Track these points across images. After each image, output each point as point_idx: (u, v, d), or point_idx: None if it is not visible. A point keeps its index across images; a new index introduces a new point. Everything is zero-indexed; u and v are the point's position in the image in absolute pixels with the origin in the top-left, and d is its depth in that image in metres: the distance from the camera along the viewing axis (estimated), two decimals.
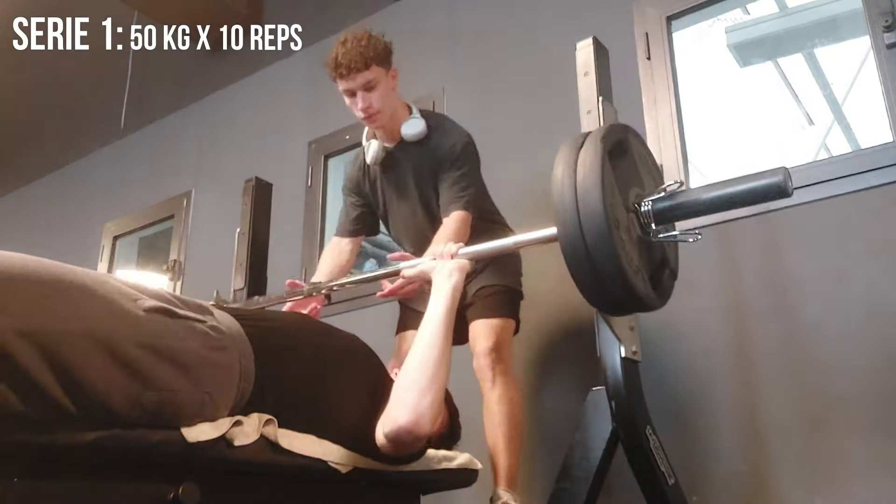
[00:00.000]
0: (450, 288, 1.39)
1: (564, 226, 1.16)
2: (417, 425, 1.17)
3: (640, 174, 1.37)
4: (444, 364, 1.27)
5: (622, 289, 1.18)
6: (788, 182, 1.17)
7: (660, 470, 1.53)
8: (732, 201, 1.25)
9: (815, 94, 4.37)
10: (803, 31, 3.73)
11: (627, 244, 1.22)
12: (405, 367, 1.26)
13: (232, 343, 1.12)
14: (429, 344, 1.28)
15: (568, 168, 1.16)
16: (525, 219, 2.54)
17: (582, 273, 1.19)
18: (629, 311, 1.36)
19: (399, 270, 1.61)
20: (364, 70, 1.90)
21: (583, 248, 1.15)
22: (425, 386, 1.21)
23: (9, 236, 5.07)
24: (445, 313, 1.33)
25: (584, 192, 1.14)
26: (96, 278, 1.00)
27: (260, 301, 2.15)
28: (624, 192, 1.26)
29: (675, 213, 1.29)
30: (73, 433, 0.91)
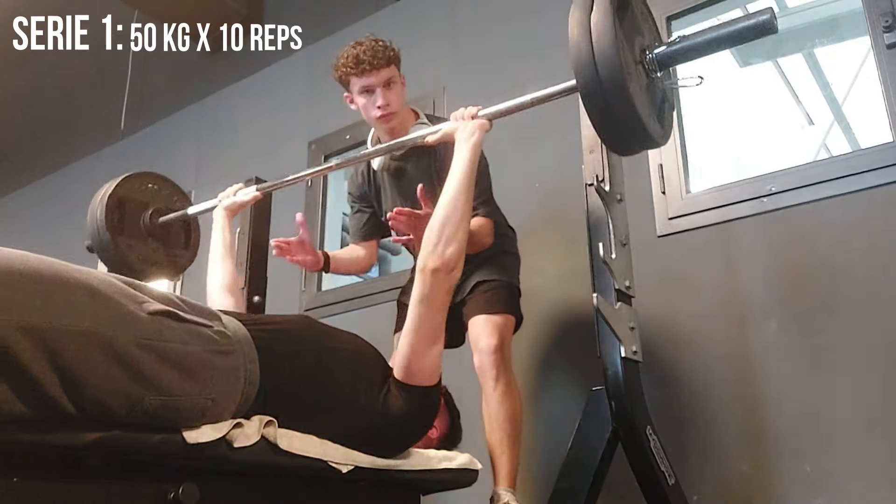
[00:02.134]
0: (471, 146, 1.52)
1: (584, 78, 1.29)
2: (446, 265, 1.34)
3: (642, 27, 1.46)
4: (466, 216, 1.42)
5: (635, 127, 1.32)
6: (775, 19, 1.29)
7: (660, 470, 1.53)
8: (724, 40, 1.36)
9: (815, 94, 4.37)
10: (803, 31, 3.73)
11: (636, 89, 1.33)
12: (433, 218, 1.40)
13: (238, 347, 1.12)
14: (453, 197, 1.42)
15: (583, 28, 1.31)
16: (526, 218, 2.55)
17: (600, 115, 1.32)
18: (641, 147, 1.47)
19: (424, 136, 1.72)
20: (385, 67, 1.94)
21: (600, 95, 1.28)
22: (451, 234, 1.37)
23: (9, 236, 5.07)
24: (468, 169, 1.47)
25: (599, 49, 1.27)
26: (102, 279, 0.99)
27: None
28: (630, 43, 1.37)
29: (675, 58, 1.43)
30: (73, 433, 0.91)
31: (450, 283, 1.37)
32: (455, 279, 1.38)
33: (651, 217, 2.37)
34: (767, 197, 2.18)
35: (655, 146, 1.44)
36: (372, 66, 1.92)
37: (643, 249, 2.05)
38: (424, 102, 2.99)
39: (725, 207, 2.25)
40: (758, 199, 2.19)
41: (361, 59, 1.92)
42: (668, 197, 2.36)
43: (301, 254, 2.01)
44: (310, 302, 3.28)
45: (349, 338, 1.43)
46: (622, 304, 1.58)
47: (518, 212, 2.36)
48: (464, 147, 1.52)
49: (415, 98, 2.80)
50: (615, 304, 1.56)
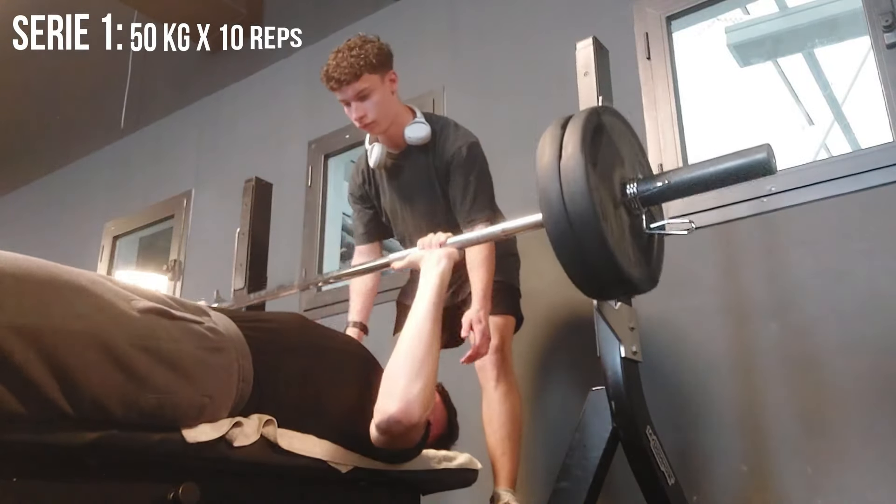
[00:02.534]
0: (437, 274, 1.39)
1: (550, 211, 1.15)
2: (407, 414, 1.15)
3: (627, 159, 1.36)
4: (433, 351, 1.25)
5: (611, 272, 1.17)
6: (773, 159, 1.16)
7: (660, 470, 1.53)
8: (718, 179, 1.23)
9: (815, 94, 4.37)
10: (803, 31, 3.73)
11: (614, 226, 1.21)
12: (394, 356, 1.24)
13: (230, 344, 1.12)
14: (417, 332, 1.26)
15: (552, 151, 1.16)
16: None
17: (570, 257, 1.18)
18: (620, 294, 1.35)
19: (389, 262, 1.63)
20: (354, 81, 1.87)
21: (569, 233, 1.14)
22: (414, 374, 1.18)
23: (9, 236, 5.07)
24: (434, 300, 1.33)
25: (567, 177, 1.13)
26: (91, 278, 1.00)
27: (251, 297, 2.15)
28: (608, 174, 1.24)
29: (660, 195, 1.28)
30: (72, 433, 0.90)
31: (416, 436, 1.22)
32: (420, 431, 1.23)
33: None
34: (767, 197, 2.18)
35: (639, 293, 1.29)
36: (339, 84, 1.88)
37: None
38: (424, 102, 3.00)
39: (725, 207, 2.25)
40: (758, 199, 2.19)
41: (330, 76, 1.88)
42: None
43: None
44: (310, 302, 3.28)
45: (343, 338, 1.43)
46: (622, 304, 1.58)
47: (518, 212, 2.35)
48: (430, 275, 1.40)
49: (415, 98, 2.81)
50: (615, 304, 1.56)
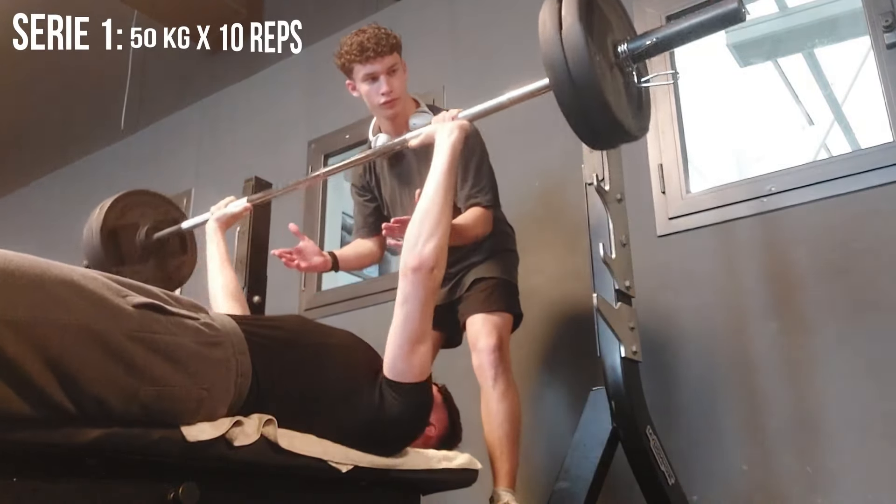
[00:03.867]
0: (451, 143, 1.52)
1: (555, 76, 1.30)
2: (422, 262, 1.33)
3: (615, 24, 1.46)
4: (447, 213, 1.41)
5: (607, 119, 1.31)
6: (742, 7, 1.30)
7: (660, 470, 1.53)
8: (695, 30, 1.36)
9: (815, 94, 4.38)
10: (803, 31, 3.74)
11: (610, 83, 1.34)
12: (413, 218, 1.41)
13: (226, 339, 1.12)
14: (432, 196, 1.41)
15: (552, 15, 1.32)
16: (525, 216, 2.55)
17: (573, 111, 1.32)
18: (615, 142, 1.47)
19: (406, 140, 1.71)
20: (389, 54, 1.95)
21: (573, 93, 1.28)
22: (430, 233, 1.36)
23: (9, 236, 5.07)
24: (446, 167, 1.47)
25: (569, 44, 1.27)
26: (84, 274, 1.00)
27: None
28: (602, 39, 1.37)
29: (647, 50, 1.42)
30: (73, 432, 0.90)
31: (432, 283, 1.36)
32: (437, 279, 1.37)
33: (651, 217, 2.37)
34: (767, 197, 2.18)
35: (633, 140, 1.44)
36: (376, 53, 1.93)
37: (643, 249, 2.05)
38: (424, 101, 2.99)
39: (725, 207, 2.25)
40: (758, 199, 2.19)
41: (366, 47, 1.93)
42: (668, 197, 2.36)
43: (305, 260, 2.00)
44: (309, 302, 3.28)
45: (343, 334, 1.43)
46: (622, 304, 1.58)
47: (518, 211, 2.36)
48: (443, 145, 1.52)
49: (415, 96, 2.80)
50: (615, 304, 1.56)
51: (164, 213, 2.45)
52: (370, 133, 2.13)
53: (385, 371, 1.34)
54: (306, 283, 3.32)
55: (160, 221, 2.41)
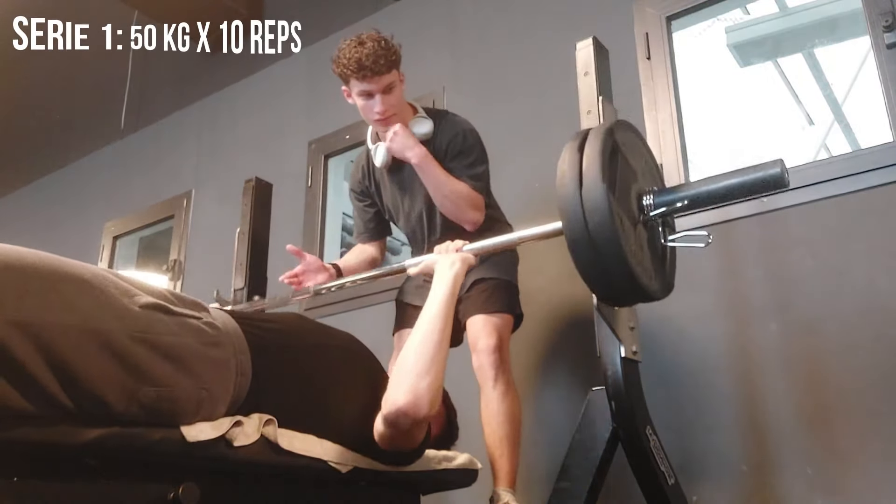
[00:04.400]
0: (452, 275, 1.43)
1: (569, 220, 1.20)
2: (416, 407, 1.17)
3: (641, 172, 1.38)
4: (443, 348, 1.27)
5: (627, 281, 1.22)
6: (786, 173, 1.21)
7: (660, 470, 1.53)
8: (732, 193, 1.27)
9: (815, 94, 4.38)
10: (803, 31, 3.73)
11: (633, 242, 1.25)
12: (404, 350, 1.27)
13: (227, 339, 1.12)
14: (428, 328, 1.29)
15: (572, 165, 1.21)
16: (525, 217, 2.54)
17: (587, 265, 1.23)
18: (634, 302, 1.38)
19: (405, 268, 1.65)
20: (386, 73, 1.92)
21: (587, 242, 1.18)
22: (424, 369, 1.21)
23: (9, 236, 5.06)
24: (446, 299, 1.36)
25: (587, 187, 1.18)
26: (95, 273, 1.00)
27: (260, 302, 2.16)
28: (625, 187, 1.28)
29: (674, 205, 1.32)
30: (73, 432, 0.91)
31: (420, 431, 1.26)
32: (422, 431, 1.26)
33: None
34: (767, 197, 2.17)
35: (651, 300, 1.34)
36: (373, 73, 1.90)
37: None
38: (424, 102, 2.97)
39: (725, 207, 2.24)
40: (758, 199, 2.18)
41: (363, 65, 1.88)
42: None
43: (311, 278, 2.02)
44: (309, 302, 3.27)
45: (343, 335, 1.43)
46: None
47: (518, 211, 2.36)
48: (444, 277, 1.42)
49: (415, 97, 2.80)
50: None
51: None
52: (369, 141, 2.12)
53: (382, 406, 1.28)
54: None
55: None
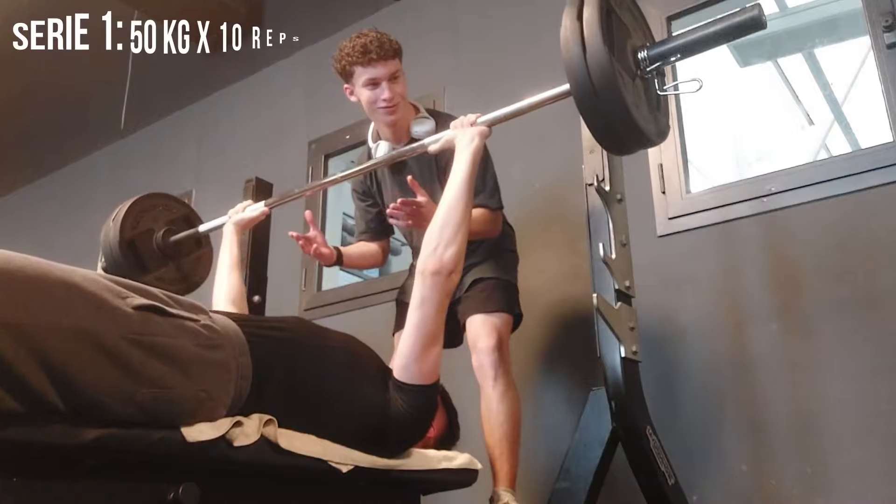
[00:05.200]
0: (472, 150, 1.53)
1: (577, 84, 1.31)
2: (440, 270, 1.35)
3: (633, 28, 1.47)
4: (467, 219, 1.43)
5: (630, 129, 1.34)
6: (762, 15, 1.31)
7: (660, 470, 1.53)
8: (716, 37, 1.38)
9: (815, 94, 4.37)
10: (803, 31, 3.74)
11: (630, 91, 1.34)
12: (433, 222, 1.42)
13: (227, 341, 1.12)
14: (453, 201, 1.44)
15: (574, 32, 1.32)
16: (526, 218, 2.55)
17: (595, 119, 1.34)
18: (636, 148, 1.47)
19: (426, 146, 1.72)
20: (392, 58, 1.93)
21: (594, 100, 1.29)
22: (450, 238, 1.38)
23: (9, 236, 5.07)
24: (467, 174, 1.48)
25: (591, 52, 1.29)
26: (85, 275, 0.99)
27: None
28: (622, 45, 1.38)
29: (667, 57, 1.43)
30: (73, 432, 0.90)
31: (449, 286, 1.38)
32: (454, 282, 1.39)
33: (651, 217, 2.37)
34: (767, 197, 2.18)
35: (652, 145, 1.46)
36: (379, 57, 1.90)
37: (643, 249, 2.05)
38: (425, 103, 2.96)
39: (725, 207, 2.25)
40: (758, 199, 2.19)
41: (368, 49, 1.89)
42: (668, 197, 2.36)
43: (314, 249, 2.02)
44: (309, 302, 3.28)
45: (344, 337, 1.44)
46: (622, 304, 1.58)
47: (518, 211, 2.36)
48: (464, 152, 1.53)
49: (415, 97, 2.80)
50: (615, 304, 1.56)
51: (176, 214, 2.46)
52: (369, 140, 2.12)
53: (395, 372, 1.35)
54: (306, 283, 3.32)
55: (173, 222, 2.41)
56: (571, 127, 1.72)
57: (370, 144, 2.11)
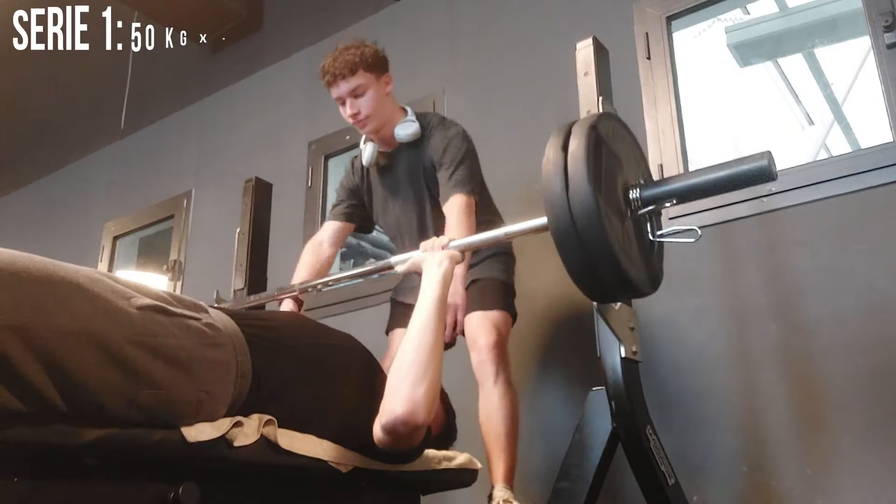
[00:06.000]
0: (440, 276, 1.39)
1: (555, 214, 1.18)
2: (413, 415, 1.16)
3: (626, 159, 1.37)
4: (438, 352, 1.25)
5: (616, 276, 1.20)
6: (773, 166, 1.19)
7: (660, 470, 1.53)
8: (719, 186, 1.26)
9: (815, 94, 4.38)
10: (803, 31, 3.74)
11: (619, 232, 1.23)
12: (398, 357, 1.24)
13: (227, 340, 1.12)
14: (421, 333, 1.27)
15: (557, 164, 1.19)
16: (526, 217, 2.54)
17: (573, 260, 1.21)
18: (623, 298, 1.38)
19: (391, 265, 1.63)
20: (350, 76, 1.94)
21: (574, 236, 1.17)
22: (419, 375, 1.20)
23: (9, 236, 5.07)
24: (437, 301, 1.33)
25: (574, 189, 1.16)
26: (89, 276, 0.99)
27: (250, 299, 2.16)
28: (611, 180, 1.27)
29: (661, 201, 1.31)
30: (73, 432, 0.90)
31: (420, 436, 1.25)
32: (422, 434, 1.25)
33: None
34: (767, 197, 2.18)
35: (642, 295, 1.33)
36: (335, 78, 1.95)
37: None
38: (424, 104, 2.99)
39: (725, 207, 2.25)
40: (758, 199, 2.19)
41: (326, 71, 1.96)
42: None
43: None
44: (309, 302, 3.27)
45: (342, 336, 1.43)
46: (622, 304, 1.58)
47: (518, 211, 2.35)
48: (432, 279, 1.39)
49: (415, 99, 2.81)
50: (615, 304, 1.56)
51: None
52: (361, 141, 2.15)
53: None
54: None
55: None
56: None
57: (361, 145, 2.14)
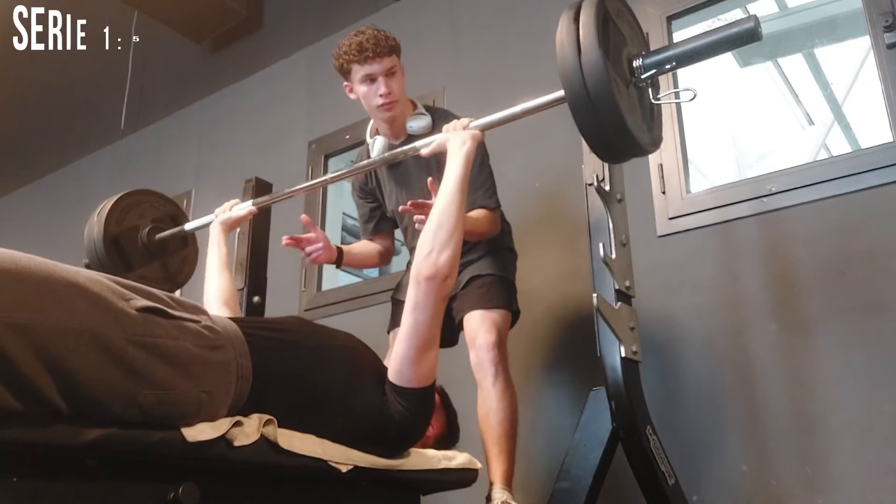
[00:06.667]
0: (464, 154, 1.53)
1: (569, 79, 1.30)
2: (435, 275, 1.34)
3: (630, 37, 1.47)
4: (461, 223, 1.42)
5: (623, 137, 1.34)
6: (758, 27, 1.31)
7: (660, 470, 1.53)
8: (712, 48, 1.38)
9: (815, 94, 4.38)
10: (803, 31, 3.73)
11: (624, 98, 1.35)
12: (426, 226, 1.42)
13: (228, 342, 1.12)
14: (446, 206, 1.42)
15: (570, 35, 1.32)
16: (525, 216, 2.55)
17: (588, 125, 1.34)
18: (628, 156, 1.48)
19: (417, 149, 1.72)
20: (388, 56, 1.95)
21: (588, 104, 1.29)
22: (444, 242, 1.37)
23: (9, 236, 5.07)
24: (460, 178, 1.48)
25: (586, 56, 1.29)
26: (89, 276, 1.00)
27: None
28: (617, 52, 1.38)
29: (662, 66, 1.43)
30: (73, 432, 0.90)
31: (444, 291, 1.37)
32: (449, 286, 1.39)
33: (651, 217, 2.37)
34: (767, 197, 2.18)
35: (645, 154, 1.46)
36: (375, 54, 1.93)
37: (643, 249, 2.05)
38: (424, 102, 2.98)
39: (725, 207, 2.25)
40: (758, 199, 2.19)
41: (364, 47, 1.93)
42: (668, 197, 2.36)
43: (312, 247, 2.02)
44: (309, 302, 3.28)
45: (344, 336, 1.44)
46: (622, 304, 1.58)
47: (518, 211, 2.36)
48: (456, 156, 1.53)
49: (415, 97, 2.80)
50: (615, 304, 1.56)
51: (162, 212, 2.42)
52: (367, 135, 2.13)
53: (390, 375, 1.35)
54: (306, 283, 3.32)
55: (159, 220, 2.38)
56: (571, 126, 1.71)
57: (367, 140, 2.12)
